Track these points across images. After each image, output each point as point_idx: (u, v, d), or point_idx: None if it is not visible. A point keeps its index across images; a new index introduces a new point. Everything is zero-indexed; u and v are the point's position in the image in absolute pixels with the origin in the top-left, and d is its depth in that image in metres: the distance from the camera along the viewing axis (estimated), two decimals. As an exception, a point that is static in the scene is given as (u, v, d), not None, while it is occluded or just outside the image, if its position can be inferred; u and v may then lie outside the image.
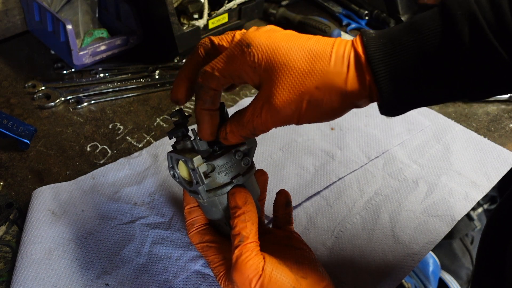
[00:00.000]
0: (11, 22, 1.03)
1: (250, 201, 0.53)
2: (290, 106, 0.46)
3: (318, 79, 0.45)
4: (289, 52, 0.45)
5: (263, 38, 0.46)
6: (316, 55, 0.45)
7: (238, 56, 0.46)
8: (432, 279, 0.97)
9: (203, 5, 0.93)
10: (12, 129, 0.77)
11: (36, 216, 0.67)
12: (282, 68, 0.45)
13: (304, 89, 0.45)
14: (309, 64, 0.45)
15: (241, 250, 0.50)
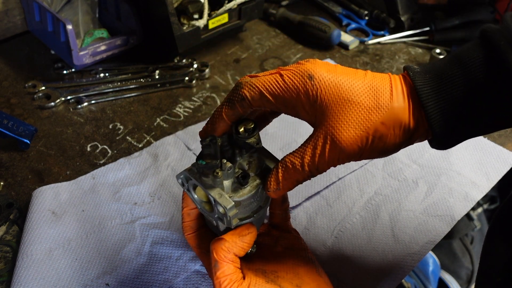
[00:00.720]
0: (12, 22, 1.03)
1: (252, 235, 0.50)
2: (356, 142, 0.45)
3: (384, 114, 0.45)
4: (352, 87, 0.45)
5: (325, 72, 0.45)
6: (378, 90, 0.45)
7: (299, 86, 0.45)
8: (432, 279, 0.97)
9: (203, 5, 0.93)
10: (12, 129, 0.77)
11: (37, 216, 0.67)
12: (346, 104, 0.44)
13: (370, 124, 0.44)
14: (374, 100, 0.45)
15: (218, 279, 0.47)
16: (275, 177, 0.47)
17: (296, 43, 1.09)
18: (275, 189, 0.47)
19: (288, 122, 0.87)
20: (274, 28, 1.13)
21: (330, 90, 0.44)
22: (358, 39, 1.09)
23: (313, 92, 0.45)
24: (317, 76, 0.45)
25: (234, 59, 1.03)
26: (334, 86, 0.45)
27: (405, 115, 0.45)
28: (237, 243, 0.48)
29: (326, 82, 0.45)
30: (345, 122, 0.44)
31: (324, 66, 0.46)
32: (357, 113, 0.44)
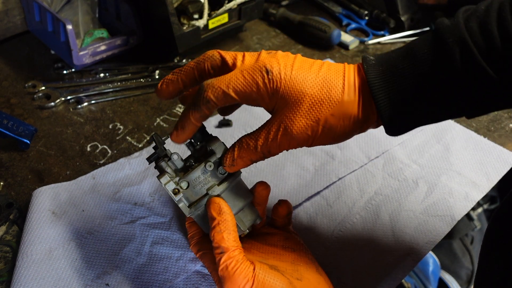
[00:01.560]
0: (11, 22, 1.03)
1: (224, 210, 0.52)
2: (306, 131, 0.48)
3: (334, 107, 0.48)
4: (306, 80, 0.48)
5: (282, 65, 0.48)
6: (330, 84, 0.48)
7: (257, 80, 0.48)
8: (432, 279, 0.97)
9: (203, 5, 0.93)
10: (12, 129, 0.77)
11: (37, 216, 0.67)
12: (300, 96, 0.48)
13: (320, 116, 0.48)
14: (325, 93, 0.48)
15: (226, 262, 0.49)
16: (231, 154, 0.51)
17: (296, 43, 1.09)
18: (230, 164, 0.52)
19: (288, 122, 0.87)
20: (274, 28, 1.13)
21: (285, 83, 0.48)
22: (358, 39, 1.09)
23: (270, 86, 0.48)
24: (274, 71, 0.48)
25: (234, 59, 1.03)
26: (289, 80, 0.48)
27: (354, 108, 0.48)
28: (225, 218, 0.52)
29: (282, 76, 0.48)
30: (297, 112, 0.48)
31: (282, 60, 0.49)
32: (309, 104, 0.48)
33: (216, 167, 0.54)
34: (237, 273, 0.48)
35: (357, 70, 0.50)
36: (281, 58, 0.49)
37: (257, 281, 0.48)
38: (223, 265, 0.49)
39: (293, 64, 0.49)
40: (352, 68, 0.50)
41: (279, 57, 0.49)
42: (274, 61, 0.48)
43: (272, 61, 0.48)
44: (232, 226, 0.52)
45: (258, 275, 0.49)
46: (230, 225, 0.52)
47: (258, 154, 0.51)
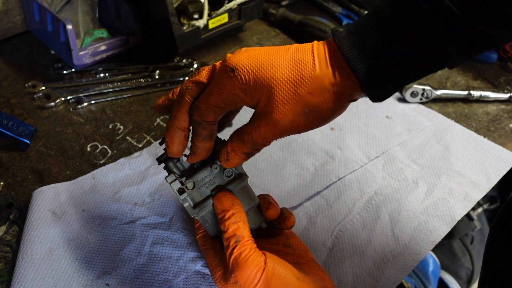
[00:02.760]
0: (11, 22, 1.03)
1: (237, 202, 0.54)
2: (287, 116, 0.47)
3: (309, 85, 0.46)
4: (274, 65, 0.47)
5: (245, 59, 0.48)
6: (300, 62, 0.47)
7: (227, 83, 0.48)
8: (432, 279, 0.97)
9: (203, 5, 0.93)
10: (12, 129, 0.77)
11: (37, 216, 0.67)
12: (271, 82, 0.47)
13: (298, 97, 0.46)
14: (297, 73, 0.47)
15: (240, 250, 0.50)
16: (225, 149, 0.52)
17: (296, 43, 1.09)
18: (225, 159, 0.52)
19: (288, 122, 0.87)
20: (274, 28, 1.13)
21: (254, 74, 0.47)
22: (358, 39, 1.09)
23: (240, 83, 0.47)
24: (238, 67, 0.47)
25: (234, 59, 1.03)
26: (257, 70, 0.47)
27: (330, 80, 0.47)
28: (239, 209, 0.53)
29: (248, 68, 0.47)
30: (273, 99, 0.47)
31: (245, 53, 0.48)
32: (284, 88, 0.47)
33: (222, 169, 0.55)
34: (249, 260, 0.49)
35: (327, 44, 0.49)
36: (244, 52, 0.49)
37: (268, 269, 0.49)
38: (236, 253, 0.50)
39: (257, 54, 0.48)
40: (322, 43, 0.49)
41: (242, 52, 0.49)
42: (237, 58, 0.48)
43: (235, 58, 0.48)
44: (246, 218, 0.53)
45: (269, 263, 0.50)
46: (244, 217, 0.53)
47: (247, 147, 0.50)
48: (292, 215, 0.59)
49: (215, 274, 0.55)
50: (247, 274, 0.49)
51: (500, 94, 0.94)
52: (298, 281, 0.50)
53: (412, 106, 0.92)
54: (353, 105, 0.91)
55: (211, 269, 0.56)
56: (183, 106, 0.51)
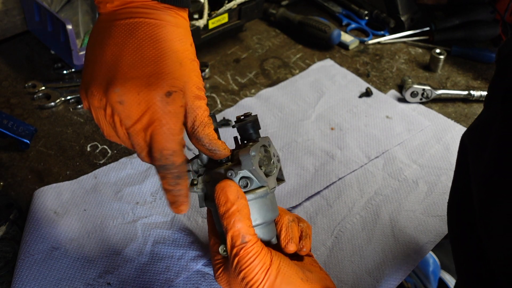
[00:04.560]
0: (11, 22, 1.02)
1: (242, 195, 0.50)
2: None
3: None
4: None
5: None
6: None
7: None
8: (432, 279, 0.97)
9: (203, 5, 0.93)
10: (12, 129, 0.77)
11: (38, 215, 0.67)
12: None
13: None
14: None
15: (246, 250, 0.49)
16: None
17: (296, 43, 1.09)
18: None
19: (288, 122, 0.87)
20: (274, 28, 1.13)
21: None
22: (358, 39, 1.09)
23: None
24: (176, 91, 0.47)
25: (234, 59, 1.03)
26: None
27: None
28: (245, 204, 0.50)
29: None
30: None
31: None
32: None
33: (238, 178, 0.51)
34: (257, 259, 0.48)
35: None
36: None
37: (273, 268, 0.49)
38: (243, 253, 0.48)
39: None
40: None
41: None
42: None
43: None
44: (249, 213, 0.50)
45: (274, 262, 0.49)
46: (249, 212, 0.50)
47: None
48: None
49: (219, 269, 0.53)
50: (253, 273, 0.48)
51: (500, 94, 0.94)
52: (302, 280, 0.50)
53: (412, 106, 0.92)
54: (353, 105, 0.91)
55: (214, 264, 0.53)
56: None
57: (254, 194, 0.51)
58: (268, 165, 0.54)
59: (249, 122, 0.54)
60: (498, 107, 0.45)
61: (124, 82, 0.44)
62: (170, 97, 0.44)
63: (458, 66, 1.03)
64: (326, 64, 1.01)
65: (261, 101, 0.91)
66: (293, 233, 0.54)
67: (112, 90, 0.44)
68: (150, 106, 0.44)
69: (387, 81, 0.99)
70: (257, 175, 0.51)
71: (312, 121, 0.87)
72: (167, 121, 0.45)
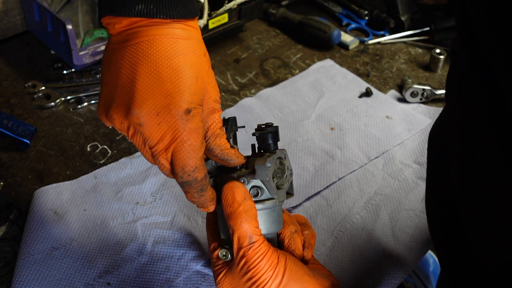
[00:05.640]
0: (11, 22, 1.02)
1: (248, 197, 0.50)
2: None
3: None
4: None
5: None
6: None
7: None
8: (432, 279, 0.97)
9: (203, 5, 0.93)
10: (12, 129, 0.77)
11: (38, 215, 0.67)
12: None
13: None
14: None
15: (254, 250, 0.48)
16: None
17: (296, 43, 1.09)
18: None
19: (288, 122, 0.87)
20: (274, 28, 1.13)
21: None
22: (358, 39, 1.09)
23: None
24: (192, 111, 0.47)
25: (234, 59, 1.03)
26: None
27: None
28: (252, 205, 0.50)
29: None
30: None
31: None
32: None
33: (249, 186, 0.51)
34: (265, 258, 0.48)
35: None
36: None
37: (280, 266, 0.49)
38: (251, 253, 0.48)
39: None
40: None
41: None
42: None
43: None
44: (256, 214, 0.50)
45: (281, 260, 0.49)
46: (255, 213, 0.50)
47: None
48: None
49: (222, 272, 0.52)
50: (262, 272, 0.48)
51: (500, 94, 0.94)
52: (309, 277, 0.50)
53: (412, 106, 0.92)
54: (353, 105, 0.91)
55: (215, 270, 0.53)
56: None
57: (263, 205, 0.51)
58: (281, 178, 0.54)
59: (270, 132, 0.55)
60: (455, 99, 0.46)
61: (142, 104, 0.44)
62: (189, 114, 0.45)
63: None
64: (326, 64, 1.01)
65: (261, 101, 0.91)
66: (295, 245, 0.55)
67: (131, 113, 0.44)
68: (170, 125, 0.44)
69: (387, 81, 0.99)
70: (269, 186, 0.51)
71: (312, 121, 0.87)
72: (188, 138, 0.45)
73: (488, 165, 0.40)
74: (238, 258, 0.49)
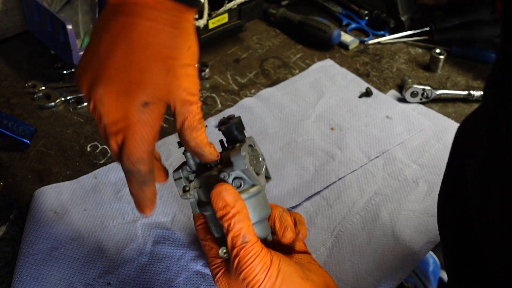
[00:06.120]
0: (11, 22, 1.02)
1: (239, 197, 0.50)
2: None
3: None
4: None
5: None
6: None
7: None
8: (432, 279, 0.97)
9: (203, 5, 0.93)
10: (12, 129, 0.77)
11: (38, 215, 0.67)
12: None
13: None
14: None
15: (247, 250, 0.49)
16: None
17: (296, 43, 1.09)
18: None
19: (288, 122, 0.87)
20: (274, 28, 1.13)
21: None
22: (358, 39, 1.09)
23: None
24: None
25: (234, 59, 1.03)
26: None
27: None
28: (243, 206, 0.51)
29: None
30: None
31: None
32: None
33: (232, 180, 0.52)
34: (257, 259, 0.48)
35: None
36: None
37: (273, 268, 0.49)
38: (243, 253, 0.49)
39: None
40: None
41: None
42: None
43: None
44: (248, 214, 0.51)
45: (275, 262, 0.49)
46: (247, 213, 0.51)
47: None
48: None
49: (218, 273, 0.52)
50: (254, 273, 0.48)
51: (500, 94, 0.94)
52: (302, 279, 0.50)
53: (412, 106, 0.92)
54: (353, 105, 0.91)
55: (213, 268, 0.53)
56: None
57: (248, 194, 0.52)
58: (257, 164, 0.55)
59: (234, 124, 0.55)
60: (492, 98, 0.45)
61: (107, 84, 0.45)
62: (147, 108, 0.46)
63: (458, 66, 1.03)
64: (326, 64, 1.01)
65: (261, 101, 0.91)
66: (287, 222, 0.56)
67: (96, 89, 0.45)
68: (126, 112, 0.45)
69: (387, 81, 0.99)
70: (249, 174, 0.52)
71: (312, 121, 0.87)
72: (140, 129, 0.46)
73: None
74: (232, 257, 0.50)
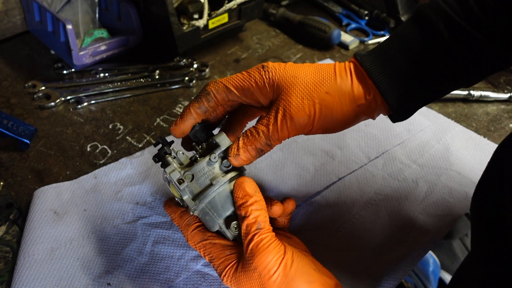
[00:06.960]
0: (11, 22, 1.03)
1: (258, 190, 0.53)
2: (304, 110, 0.51)
3: (328, 86, 0.52)
4: (298, 70, 0.53)
5: (275, 63, 0.54)
6: (322, 71, 0.53)
7: (254, 74, 0.53)
8: (432, 279, 0.97)
9: (203, 5, 0.93)
10: (12, 129, 0.77)
11: (38, 215, 0.67)
12: (294, 80, 0.52)
13: (315, 94, 0.51)
14: (318, 76, 0.53)
15: (261, 236, 0.50)
16: (236, 144, 0.53)
17: (296, 43, 1.09)
18: (235, 154, 0.53)
19: (288, 122, 0.87)
20: (274, 28, 1.13)
21: (280, 72, 0.53)
22: (358, 39, 1.09)
23: (266, 76, 0.53)
24: (269, 65, 0.53)
25: (234, 59, 1.03)
26: (283, 69, 0.53)
27: (348, 86, 0.52)
28: (261, 197, 0.53)
29: (276, 67, 0.53)
30: (294, 95, 0.52)
31: (276, 62, 0.55)
32: (304, 87, 0.52)
33: (221, 160, 0.55)
34: (271, 247, 0.49)
35: (349, 62, 0.54)
36: (275, 62, 0.55)
37: (287, 257, 0.50)
38: (258, 239, 0.50)
39: (286, 63, 0.55)
40: (343, 63, 0.55)
41: (272, 62, 0.55)
42: (268, 62, 0.54)
43: (267, 62, 0.54)
44: (265, 207, 0.53)
45: (288, 252, 0.50)
46: (265, 205, 0.53)
47: (261, 141, 0.52)
48: (290, 200, 0.60)
49: (225, 268, 0.52)
50: (268, 260, 0.49)
51: (500, 94, 0.94)
52: (315, 271, 0.51)
53: (412, 106, 0.92)
54: (353, 105, 0.91)
55: (220, 262, 0.53)
56: (205, 94, 0.55)
57: (240, 172, 0.56)
58: None
59: (199, 127, 0.57)
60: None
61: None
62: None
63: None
64: (326, 64, 1.01)
65: (261, 101, 0.91)
66: (271, 199, 0.59)
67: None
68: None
69: (387, 81, 0.99)
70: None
71: (312, 121, 0.87)
72: None
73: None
74: (245, 244, 0.51)
